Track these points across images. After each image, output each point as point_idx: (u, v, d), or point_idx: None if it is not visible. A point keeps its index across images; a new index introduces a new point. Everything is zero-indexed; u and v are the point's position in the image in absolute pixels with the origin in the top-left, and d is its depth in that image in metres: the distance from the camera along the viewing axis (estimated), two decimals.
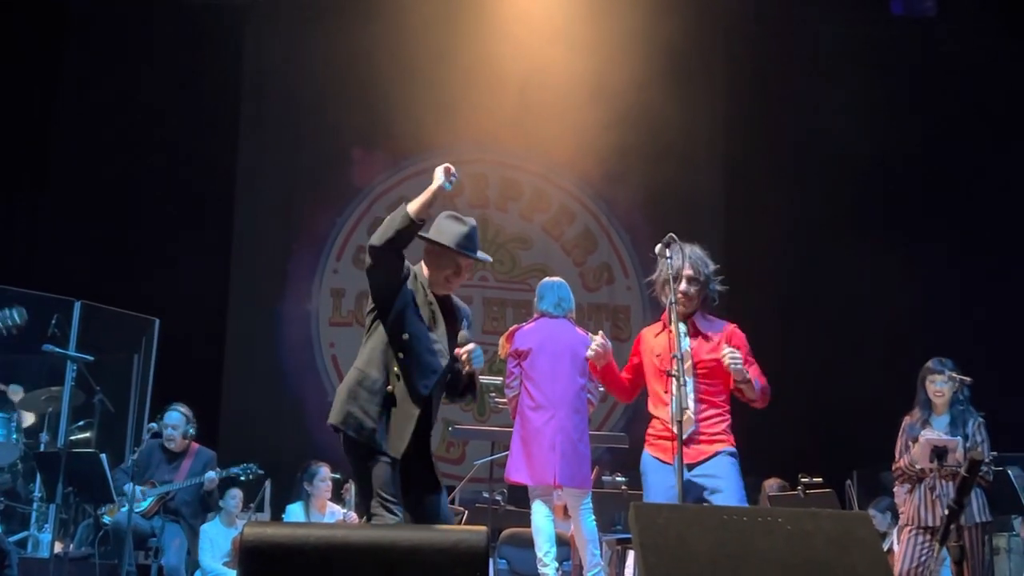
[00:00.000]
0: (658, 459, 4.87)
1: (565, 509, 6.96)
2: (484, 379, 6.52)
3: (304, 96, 11.67)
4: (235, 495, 8.34)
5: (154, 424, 7.65)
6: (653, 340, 5.04)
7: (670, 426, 4.74)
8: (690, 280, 4.96)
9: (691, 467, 4.78)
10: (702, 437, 4.84)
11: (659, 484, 4.78)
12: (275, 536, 3.06)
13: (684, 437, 4.72)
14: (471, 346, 4.47)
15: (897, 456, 6.27)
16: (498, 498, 7.99)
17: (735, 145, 11.96)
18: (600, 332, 5.04)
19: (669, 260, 4.93)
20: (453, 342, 4.54)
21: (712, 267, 5.05)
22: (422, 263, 4.61)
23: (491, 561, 7.09)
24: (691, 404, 4.83)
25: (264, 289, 11.30)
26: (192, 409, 7.83)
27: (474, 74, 11.11)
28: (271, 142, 11.61)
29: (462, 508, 8.01)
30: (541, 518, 6.21)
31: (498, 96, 11.17)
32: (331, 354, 11.43)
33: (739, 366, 4.78)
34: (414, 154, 11.91)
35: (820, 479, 7.15)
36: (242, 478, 7.64)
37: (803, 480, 7.09)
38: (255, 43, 11.68)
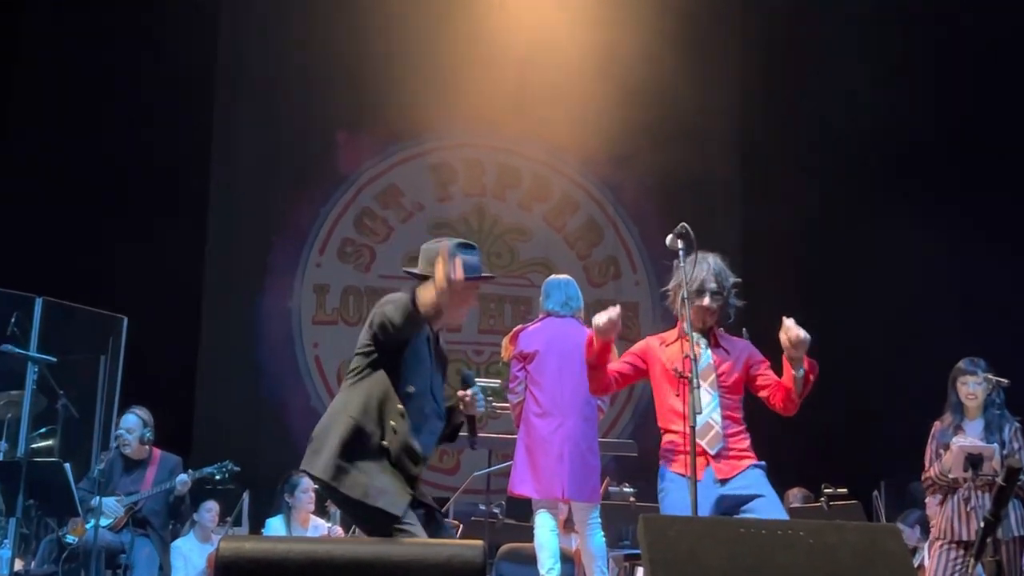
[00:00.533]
0: (682, 475, 4.88)
1: (566, 522, 6.97)
2: (481, 382, 6.53)
3: (284, 76, 11.66)
4: (210, 508, 8.34)
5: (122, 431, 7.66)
6: (666, 350, 5.05)
7: (698, 441, 4.76)
8: (714, 295, 5.01)
9: (724, 482, 4.86)
10: (731, 453, 4.92)
11: (685, 500, 4.80)
12: (253, 552, 3.07)
13: (713, 453, 4.84)
14: (474, 390, 4.46)
15: (927, 465, 6.28)
16: (496, 511, 8.00)
17: (752, 124, 11.94)
18: (617, 306, 4.91)
19: (684, 267, 4.96)
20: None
21: (732, 280, 5.10)
22: None
23: None
24: (718, 419, 4.89)
25: (242, 285, 11.29)
26: (163, 415, 7.82)
27: (470, 50, 11.09)
28: (249, 126, 11.56)
29: (457, 521, 8.02)
30: (545, 532, 6.22)
31: (496, 74, 11.15)
32: (314, 355, 11.44)
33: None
34: (404, 138, 11.93)
35: (845, 490, 7.14)
36: (217, 477, 7.63)
37: (826, 491, 7.10)
38: (231, 17, 11.66)
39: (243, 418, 10.89)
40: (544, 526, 6.25)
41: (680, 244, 4.99)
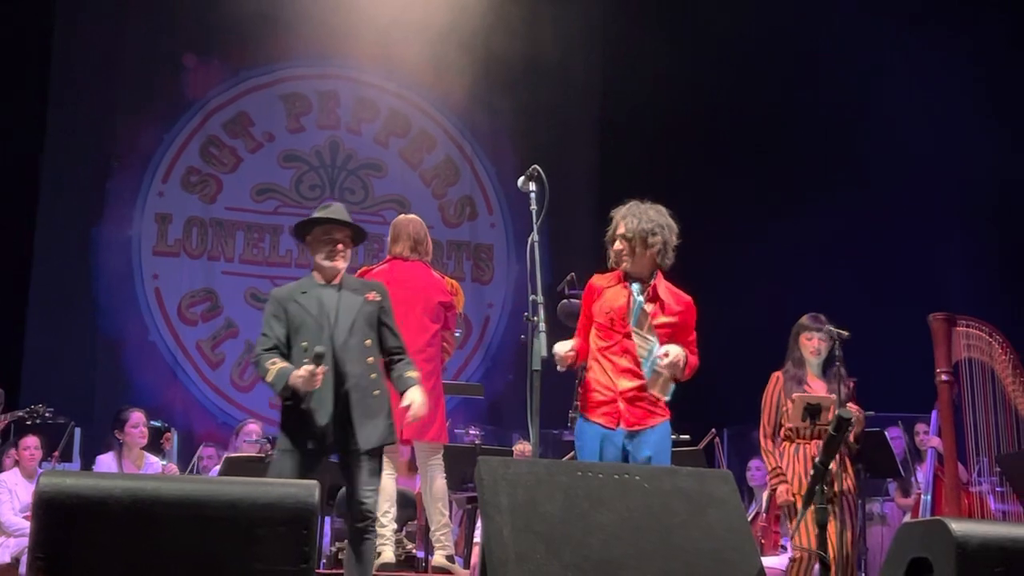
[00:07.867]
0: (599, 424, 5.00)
1: (409, 465, 7.01)
2: None
3: None
4: (27, 445, 8.15)
5: None
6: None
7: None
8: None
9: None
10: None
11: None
12: (75, 487, 3.01)
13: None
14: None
15: (766, 416, 6.40)
16: None
17: (614, 61, 11.97)
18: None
19: (533, 195, 5.00)
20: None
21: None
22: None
23: (328, 520, 7.11)
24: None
25: (78, 210, 10.98)
26: None
27: None
28: (89, 43, 11.19)
29: None
30: (382, 476, 6.24)
31: (352, 2, 11.03)
32: (154, 286, 11.19)
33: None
34: (256, 65, 11.71)
35: (687, 436, 7.32)
36: (28, 423, 7.44)
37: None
38: None
39: (77, 352, 10.62)
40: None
41: (532, 187, 5.01)
